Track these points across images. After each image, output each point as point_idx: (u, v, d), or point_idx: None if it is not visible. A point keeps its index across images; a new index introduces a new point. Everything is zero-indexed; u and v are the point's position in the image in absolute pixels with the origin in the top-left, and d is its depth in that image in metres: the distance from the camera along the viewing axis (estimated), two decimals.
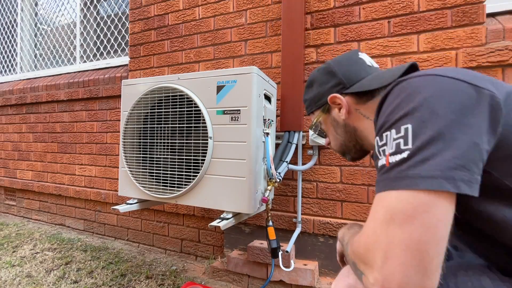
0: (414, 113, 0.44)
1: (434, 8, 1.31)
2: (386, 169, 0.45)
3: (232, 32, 1.74)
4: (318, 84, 0.78)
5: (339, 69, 0.73)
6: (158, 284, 1.54)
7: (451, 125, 0.41)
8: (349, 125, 0.73)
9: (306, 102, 0.84)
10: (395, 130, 0.45)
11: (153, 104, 1.35)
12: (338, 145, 0.79)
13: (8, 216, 2.91)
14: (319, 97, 0.77)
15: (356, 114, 0.71)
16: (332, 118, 0.77)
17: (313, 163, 1.50)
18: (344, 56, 0.77)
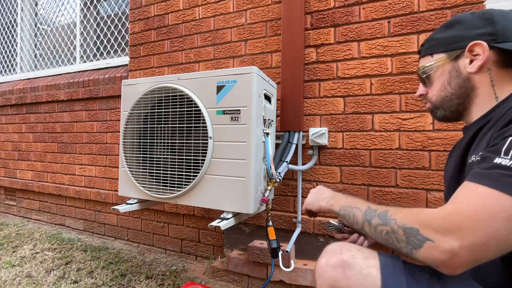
0: None
1: (434, 8, 1.31)
2: (508, 173, 0.46)
3: (232, 32, 1.74)
4: (464, 27, 0.66)
5: (501, 19, 0.62)
6: (158, 284, 1.54)
7: None
8: (471, 81, 0.65)
9: (433, 41, 0.71)
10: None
11: (153, 104, 1.35)
12: (440, 97, 0.70)
13: (8, 216, 2.91)
14: (457, 40, 0.66)
15: (485, 75, 0.63)
16: (454, 67, 0.67)
17: (313, 163, 1.50)
18: (510, 11, 0.65)
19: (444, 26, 0.70)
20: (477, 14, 0.65)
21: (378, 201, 1.39)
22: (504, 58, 0.61)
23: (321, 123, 1.51)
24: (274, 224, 1.53)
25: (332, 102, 1.49)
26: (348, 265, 0.54)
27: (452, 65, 0.67)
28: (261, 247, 1.49)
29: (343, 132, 1.47)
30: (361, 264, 0.54)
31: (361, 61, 1.44)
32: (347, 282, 0.53)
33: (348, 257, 0.55)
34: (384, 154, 1.38)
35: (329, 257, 0.58)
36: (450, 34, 0.68)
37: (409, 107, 1.35)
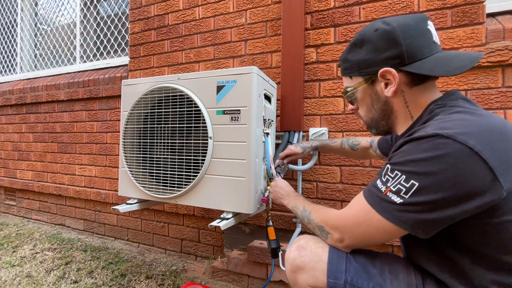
0: (428, 177, 0.53)
1: (434, 8, 1.31)
2: (381, 197, 0.61)
3: (232, 32, 1.74)
4: (372, 49, 0.68)
5: (404, 39, 0.63)
6: (158, 284, 1.54)
7: (448, 201, 0.52)
8: (389, 104, 0.70)
9: (347, 62, 0.74)
10: (406, 177, 0.56)
11: (153, 104, 1.35)
12: (368, 118, 0.76)
13: (8, 216, 2.91)
14: (368, 65, 0.69)
15: (400, 97, 0.68)
16: (373, 91, 0.71)
17: (313, 163, 1.50)
18: (412, 20, 0.65)
19: (353, 44, 0.73)
20: (381, 33, 0.66)
21: None
22: (414, 78, 0.65)
23: (321, 123, 1.51)
24: (274, 224, 1.53)
25: (332, 102, 1.49)
26: (302, 247, 0.74)
27: (371, 89, 0.72)
28: (261, 247, 1.49)
29: (343, 132, 1.47)
30: (311, 246, 0.74)
31: None
32: (301, 259, 0.72)
33: (303, 243, 0.75)
34: None
35: (292, 245, 0.78)
36: (360, 57, 0.70)
37: None
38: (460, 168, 0.51)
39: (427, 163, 0.53)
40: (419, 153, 0.55)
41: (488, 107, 1.23)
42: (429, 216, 0.54)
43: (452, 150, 0.51)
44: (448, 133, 0.53)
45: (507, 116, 1.20)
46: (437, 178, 0.52)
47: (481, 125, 0.54)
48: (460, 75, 1.26)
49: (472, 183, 0.50)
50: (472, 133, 0.52)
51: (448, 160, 0.51)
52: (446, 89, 1.29)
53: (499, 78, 1.21)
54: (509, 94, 1.20)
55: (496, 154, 0.51)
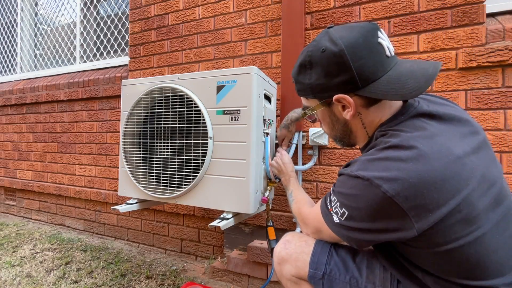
0: (353, 210, 0.63)
1: (434, 8, 1.31)
2: (327, 211, 0.71)
3: (232, 32, 1.74)
4: (323, 73, 0.65)
5: (353, 61, 0.60)
6: (158, 284, 1.54)
7: (368, 229, 0.62)
8: (349, 125, 0.72)
9: (300, 84, 0.73)
10: (339, 205, 0.66)
11: (153, 104, 1.35)
12: (332, 136, 0.80)
13: (8, 216, 2.91)
14: (321, 89, 0.67)
15: (357, 119, 0.69)
16: (332, 112, 0.72)
17: (313, 163, 1.49)
18: (361, 35, 0.61)
19: (301, 65, 0.71)
20: (329, 56, 0.63)
21: None
22: (368, 100, 0.65)
23: None
24: (274, 224, 1.53)
25: None
26: (288, 241, 0.82)
27: (329, 111, 0.72)
28: (261, 247, 1.49)
29: None
30: (296, 240, 0.82)
31: None
32: (286, 251, 0.80)
33: (289, 238, 0.83)
34: None
35: (280, 240, 0.85)
36: (312, 81, 0.68)
37: None
38: (375, 208, 0.58)
39: (352, 198, 0.63)
40: (346, 188, 0.65)
41: (488, 107, 1.23)
42: (358, 236, 0.64)
43: (368, 192, 0.58)
44: (367, 176, 0.58)
45: (507, 116, 1.20)
46: (359, 212, 0.61)
47: (400, 170, 0.55)
48: (460, 75, 1.27)
49: (385, 221, 0.58)
50: (389, 178, 0.55)
51: (365, 200, 0.59)
52: (446, 89, 1.29)
53: (499, 78, 1.21)
54: (509, 94, 1.20)
55: (409, 199, 0.54)
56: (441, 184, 0.53)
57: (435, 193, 0.53)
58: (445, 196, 0.53)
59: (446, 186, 0.53)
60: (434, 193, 0.53)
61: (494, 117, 1.22)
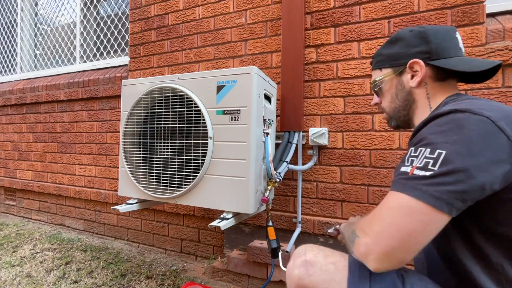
0: (454, 144, 0.52)
1: (434, 8, 1.31)
2: (407, 177, 0.56)
3: (232, 32, 1.74)
4: (405, 44, 0.75)
5: (434, 38, 0.71)
6: (158, 284, 1.54)
7: (477, 166, 0.50)
8: (412, 94, 0.75)
9: (380, 56, 0.81)
10: (430, 150, 0.54)
11: (153, 104, 1.35)
12: (391, 108, 0.80)
13: (8, 216, 2.91)
14: (399, 57, 0.76)
15: (423, 89, 0.73)
16: (399, 81, 0.77)
17: (313, 163, 1.50)
18: (442, 28, 0.74)
19: (388, 41, 0.80)
20: (415, 33, 0.74)
21: (378, 201, 1.39)
22: (438, 73, 0.71)
23: (321, 123, 1.51)
24: (274, 224, 1.53)
25: (332, 102, 1.49)
26: (310, 263, 0.63)
27: (398, 80, 0.77)
28: (261, 247, 1.49)
29: (343, 132, 1.47)
30: (321, 261, 0.63)
31: (361, 61, 1.44)
32: (309, 279, 0.61)
33: (311, 257, 0.64)
34: (384, 154, 1.38)
35: (295, 259, 0.66)
36: (394, 51, 0.77)
37: None
38: (482, 135, 0.52)
39: (450, 132, 0.54)
40: (439, 126, 0.56)
41: None
42: (463, 187, 0.51)
43: (471, 120, 0.53)
44: (464, 108, 0.55)
45: None
46: (463, 144, 0.52)
47: (493, 104, 0.57)
48: None
49: (495, 149, 0.51)
50: (487, 108, 0.54)
51: (469, 128, 0.53)
52: None
53: (499, 78, 1.21)
54: (509, 94, 1.20)
55: (510, 126, 0.52)
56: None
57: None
58: None
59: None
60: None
61: None
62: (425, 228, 0.52)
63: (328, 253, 0.65)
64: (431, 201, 0.51)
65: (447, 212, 0.51)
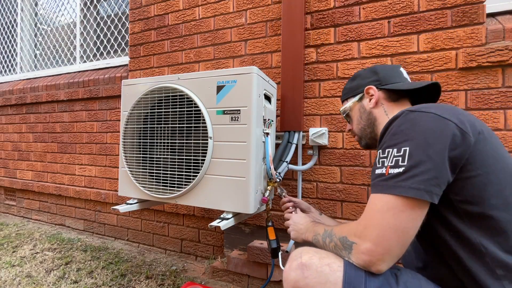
0: (413, 140, 0.60)
1: (434, 8, 1.31)
2: (384, 178, 0.62)
3: (232, 32, 1.74)
4: (361, 78, 0.94)
5: (381, 71, 0.90)
6: (158, 284, 1.54)
7: (437, 153, 0.58)
8: (372, 114, 0.88)
9: (345, 90, 0.99)
10: (397, 149, 0.62)
11: (153, 104, 1.35)
12: (359, 129, 0.93)
13: (8, 216, 2.91)
14: (358, 87, 0.93)
15: (380, 108, 0.87)
16: (361, 105, 0.92)
17: (313, 163, 1.50)
18: (389, 65, 0.95)
19: (350, 80, 0.99)
20: (367, 69, 0.94)
21: None
22: (390, 95, 0.86)
23: (321, 123, 1.51)
24: (274, 224, 1.53)
25: (332, 102, 1.49)
26: (305, 266, 0.65)
27: (360, 105, 0.93)
28: (261, 247, 1.49)
29: (343, 132, 1.47)
30: (316, 263, 0.65)
31: (361, 61, 1.44)
32: (305, 281, 0.63)
33: (306, 259, 0.66)
34: None
35: (291, 262, 0.68)
36: (353, 84, 0.96)
37: None
38: (434, 126, 0.60)
39: (408, 130, 0.62)
40: (398, 127, 0.65)
41: (488, 107, 1.23)
42: (433, 173, 0.57)
43: (422, 117, 0.62)
44: (414, 108, 0.65)
45: (507, 116, 1.20)
46: (420, 137, 0.60)
47: (439, 105, 0.67)
48: (460, 75, 1.27)
49: (448, 135, 0.59)
50: (433, 107, 0.64)
51: (422, 123, 0.61)
52: (446, 89, 1.29)
53: (499, 78, 1.21)
54: (509, 94, 1.20)
55: (454, 116, 0.61)
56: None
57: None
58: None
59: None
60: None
61: (494, 117, 1.22)
62: (415, 221, 0.59)
63: (323, 255, 0.67)
64: (413, 193, 0.57)
65: (429, 199, 0.57)
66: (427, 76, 1.32)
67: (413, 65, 1.34)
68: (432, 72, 1.31)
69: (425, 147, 0.58)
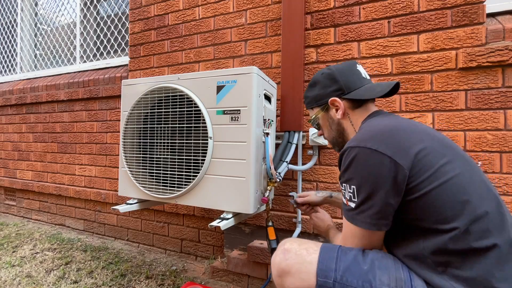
0: (355, 179, 0.71)
1: (434, 8, 1.31)
2: (346, 208, 0.74)
3: (232, 32, 1.74)
4: (321, 87, 0.93)
5: (340, 77, 0.89)
6: (158, 284, 1.54)
7: (375, 191, 0.67)
8: (341, 124, 0.91)
9: (308, 98, 0.98)
10: (349, 185, 0.72)
11: (153, 104, 1.35)
12: (330, 138, 0.97)
13: (8, 216, 2.91)
14: (320, 97, 0.93)
15: (347, 118, 0.90)
16: (329, 116, 0.93)
17: (313, 163, 1.50)
18: (345, 65, 0.92)
19: (309, 85, 0.98)
20: (325, 75, 0.92)
21: None
22: (353, 103, 0.88)
23: None
24: (274, 224, 1.53)
25: None
26: (287, 250, 0.76)
27: (327, 115, 0.94)
28: (261, 247, 1.49)
29: None
30: (296, 248, 0.76)
31: (361, 61, 1.44)
32: (286, 262, 0.74)
33: (288, 246, 0.77)
34: None
35: (277, 249, 0.79)
36: (315, 93, 0.95)
37: (409, 107, 1.35)
38: (373, 164, 0.68)
39: (351, 169, 0.71)
40: (343, 164, 0.73)
41: (488, 107, 1.23)
42: (377, 208, 0.67)
43: (360, 154, 0.70)
44: (354, 144, 0.72)
45: (507, 116, 1.20)
46: (362, 175, 0.69)
47: (374, 131, 0.73)
48: (460, 75, 1.27)
49: (384, 170, 0.66)
50: (368, 139, 0.71)
51: (361, 161, 0.69)
52: (446, 89, 1.29)
53: (499, 78, 1.21)
54: (509, 94, 1.20)
55: (389, 147, 0.67)
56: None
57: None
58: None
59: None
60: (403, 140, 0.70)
61: (494, 117, 1.22)
62: (376, 242, 0.73)
63: (303, 242, 0.78)
64: (363, 226, 0.70)
65: (377, 229, 0.70)
66: (427, 76, 1.32)
67: (413, 65, 1.34)
68: (432, 72, 1.31)
69: (367, 186, 0.68)
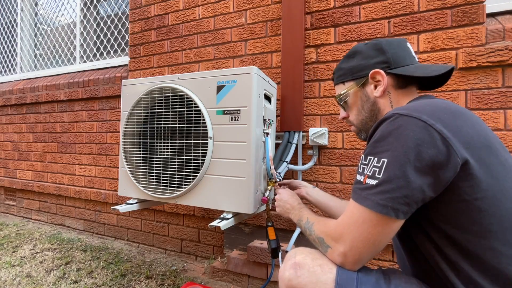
0: (393, 151, 0.57)
1: (434, 8, 1.31)
2: (361, 187, 0.62)
3: (232, 32, 1.74)
4: (363, 57, 0.78)
5: (389, 48, 0.75)
6: (158, 284, 1.54)
7: (414, 171, 0.55)
8: (377, 104, 0.76)
9: (341, 70, 0.83)
10: (377, 158, 0.59)
11: (153, 104, 1.35)
12: (359, 120, 0.81)
13: (8, 216, 2.90)
14: (359, 69, 0.78)
15: (386, 97, 0.75)
16: (364, 93, 0.78)
17: (313, 163, 1.50)
18: (395, 40, 0.78)
19: (346, 56, 0.83)
20: (370, 45, 0.78)
21: None
22: (399, 81, 0.74)
23: (321, 123, 1.51)
24: (274, 224, 1.53)
25: (332, 102, 1.49)
26: (299, 265, 0.66)
27: (362, 91, 0.79)
28: (261, 247, 1.49)
29: (343, 132, 1.47)
30: (309, 264, 0.66)
31: None
32: (298, 280, 0.64)
33: (299, 259, 0.67)
34: None
35: (286, 261, 0.69)
36: (352, 64, 0.80)
37: None
38: (419, 139, 0.55)
39: (391, 138, 0.58)
40: (381, 132, 0.61)
41: (488, 107, 1.23)
42: (404, 192, 0.55)
43: (409, 125, 0.57)
44: (404, 112, 0.59)
45: (507, 116, 1.20)
46: (402, 150, 0.56)
47: (436, 106, 0.60)
48: (460, 75, 1.27)
49: (432, 152, 0.54)
50: (425, 111, 0.58)
51: (407, 134, 0.56)
52: (446, 89, 1.29)
53: (499, 78, 1.21)
54: (509, 94, 1.20)
55: (447, 128, 0.55)
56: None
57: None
58: None
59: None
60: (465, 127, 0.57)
61: (494, 117, 1.22)
62: (387, 235, 0.59)
63: (317, 255, 0.68)
64: (378, 209, 0.57)
65: (394, 216, 0.56)
66: None
67: None
68: None
69: (403, 163, 0.55)
